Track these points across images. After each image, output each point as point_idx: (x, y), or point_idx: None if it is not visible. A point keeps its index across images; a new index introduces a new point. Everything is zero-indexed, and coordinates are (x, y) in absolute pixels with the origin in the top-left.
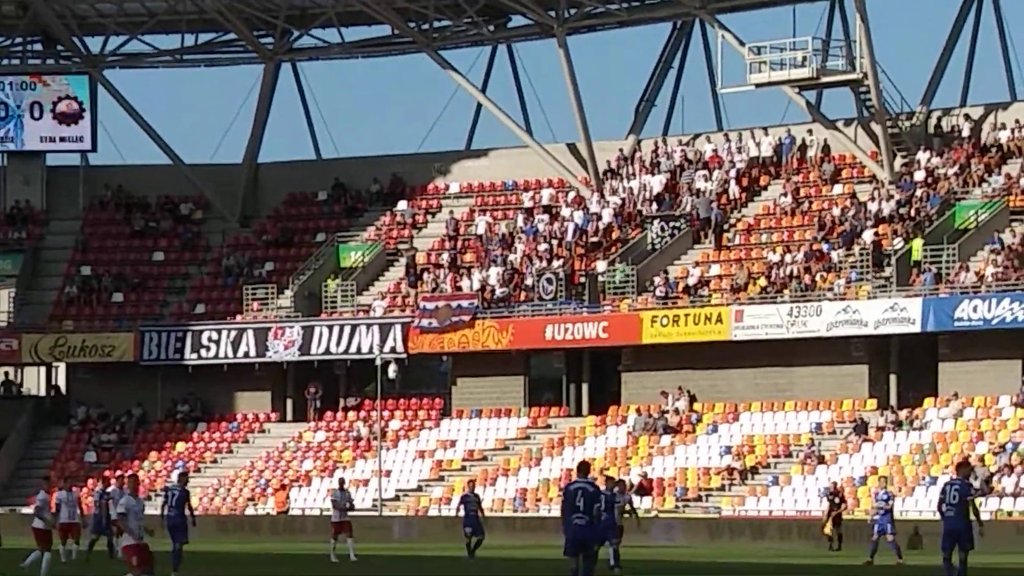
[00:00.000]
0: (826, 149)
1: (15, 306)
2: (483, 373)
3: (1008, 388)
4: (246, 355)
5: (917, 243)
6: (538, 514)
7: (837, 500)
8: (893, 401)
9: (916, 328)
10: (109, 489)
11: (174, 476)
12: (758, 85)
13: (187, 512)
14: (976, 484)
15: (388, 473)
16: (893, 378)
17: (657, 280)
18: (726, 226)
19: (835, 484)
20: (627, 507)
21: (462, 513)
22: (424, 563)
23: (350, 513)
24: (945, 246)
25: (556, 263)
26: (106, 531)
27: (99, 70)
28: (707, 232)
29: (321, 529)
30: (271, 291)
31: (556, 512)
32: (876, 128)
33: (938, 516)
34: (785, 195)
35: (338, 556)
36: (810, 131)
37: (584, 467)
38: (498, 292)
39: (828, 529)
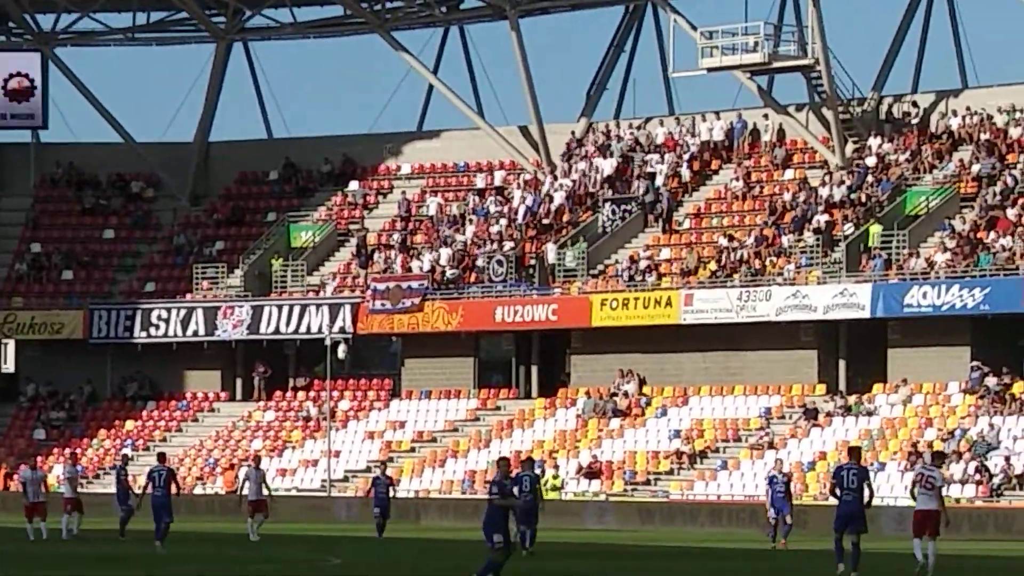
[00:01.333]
0: (778, 134)
1: None
2: (433, 354)
3: (957, 374)
4: (195, 334)
5: (874, 228)
6: (487, 496)
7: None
8: (842, 386)
9: (866, 314)
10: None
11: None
12: (710, 69)
13: (173, 491)
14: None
15: (337, 454)
16: (842, 363)
17: (622, 261)
18: (677, 209)
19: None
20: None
21: (372, 495)
22: (369, 544)
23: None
24: (896, 232)
25: (507, 245)
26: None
27: (50, 47)
28: (655, 216)
29: (270, 510)
30: (221, 270)
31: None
32: (827, 114)
33: (832, 500)
34: (736, 179)
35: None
36: (766, 116)
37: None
38: (448, 273)
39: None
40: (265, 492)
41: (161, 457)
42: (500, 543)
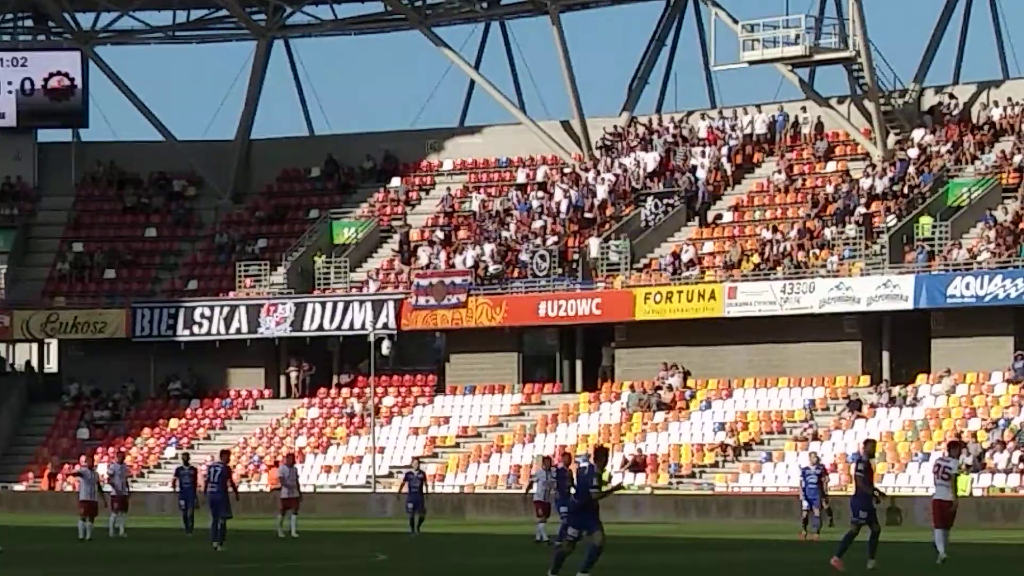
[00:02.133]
0: (819, 127)
1: (7, 283)
2: (477, 349)
3: (1000, 364)
4: (238, 331)
5: (925, 220)
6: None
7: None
8: (886, 377)
9: (909, 305)
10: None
11: (208, 454)
12: (751, 63)
13: (229, 488)
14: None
15: (382, 450)
16: (886, 355)
17: (665, 255)
18: (718, 203)
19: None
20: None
21: (406, 490)
22: (414, 540)
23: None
24: (938, 223)
25: (550, 240)
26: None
27: (90, 46)
28: (692, 211)
29: (315, 506)
30: (264, 268)
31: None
32: (869, 105)
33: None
34: (779, 172)
35: (284, 532)
36: (804, 108)
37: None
38: (491, 269)
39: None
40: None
41: (224, 454)
42: (575, 536)
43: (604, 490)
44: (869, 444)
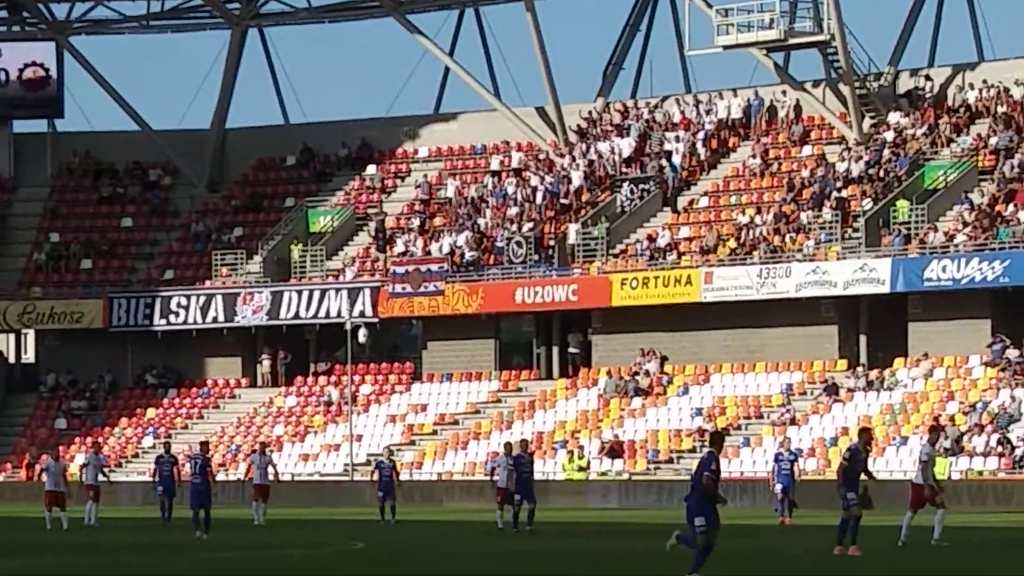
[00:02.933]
0: (796, 110)
1: None
2: (453, 337)
3: (978, 348)
4: (215, 320)
5: (902, 203)
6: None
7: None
8: (863, 361)
9: (886, 288)
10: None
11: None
12: (726, 47)
13: (209, 478)
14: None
15: (359, 438)
16: (863, 338)
17: (641, 240)
18: (693, 188)
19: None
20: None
21: (376, 478)
22: (392, 527)
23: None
24: (914, 206)
25: (526, 226)
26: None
27: (65, 36)
28: (664, 197)
29: (294, 495)
30: (240, 256)
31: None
32: (844, 89)
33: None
34: (754, 157)
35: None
36: (781, 92)
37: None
38: (468, 256)
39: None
40: (271, 477)
41: (203, 446)
42: (702, 527)
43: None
44: (864, 434)
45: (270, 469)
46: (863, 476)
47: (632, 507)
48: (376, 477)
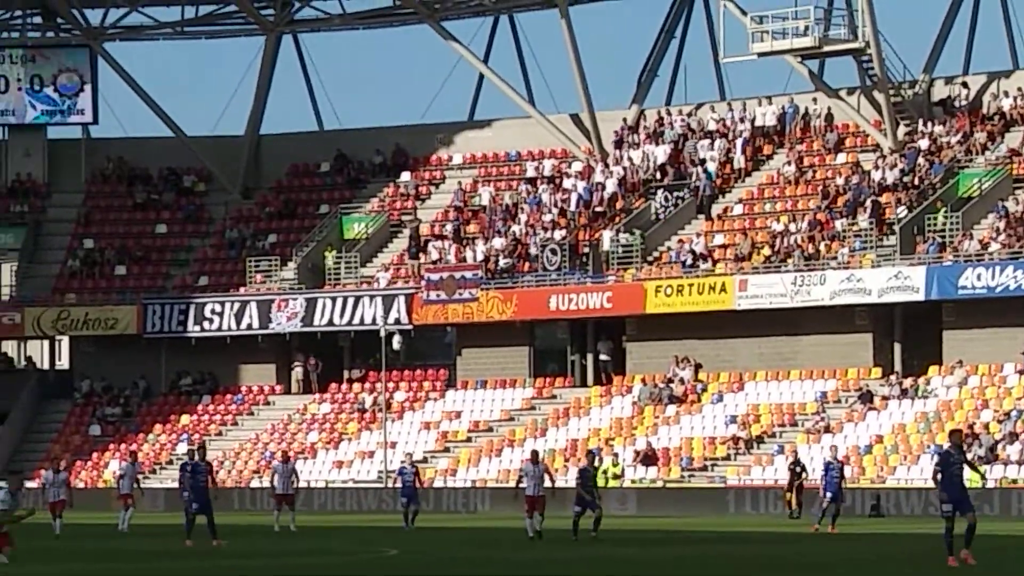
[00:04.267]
0: (829, 118)
1: (18, 280)
2: (488, 344)
3: (1012, 356)
4: (249, 327)
5: (936, 211)
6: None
7: (798, 469)
8: (898, 369)
9: (920, 296)
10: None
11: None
12: (760, 54)
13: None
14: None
15: (393, 445)
16: (897, 346)
17: (675, 248)
18: (728, 196)
19: (796, 454)
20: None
21: (399, 484)
22: (427, 534)
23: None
24: (949, 214)
25: (560, 233)
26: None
27: (99, 43)
28: (698, 204)
29: (327, 501)
30: (274, 263)
31: (562, 483)
32: (879, 97)
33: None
34: (789, 164)
35: (280, 527)
36: (815, 99)
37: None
38: (502, 263)
39: (791, 497)
40: (295, 486)
41: (202, 450)
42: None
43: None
44: (955, 435)
45: (293, 478)
46: (970, 472)
47: (677, 515)
48: (399, 484)
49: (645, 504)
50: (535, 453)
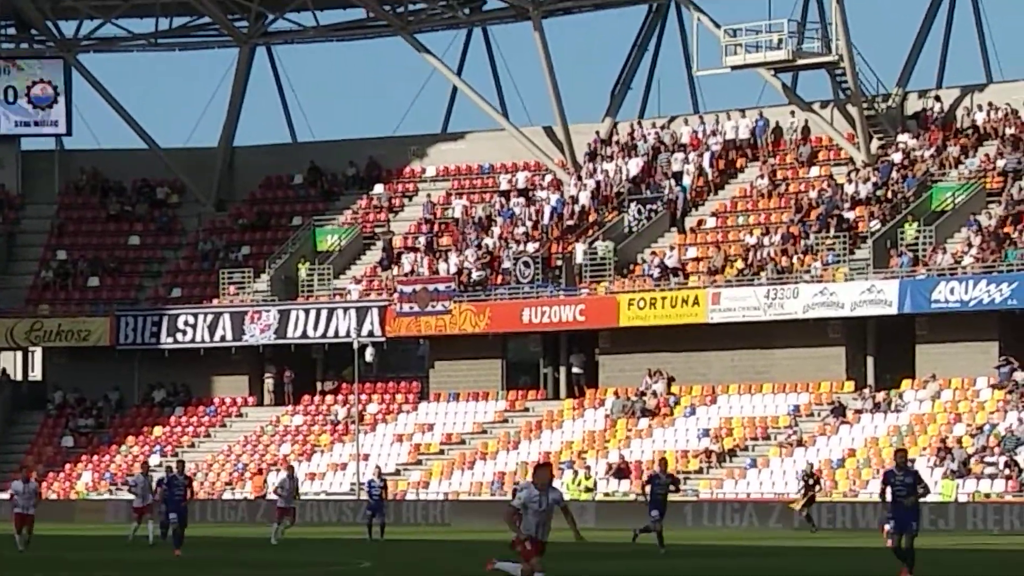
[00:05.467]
0: (804, 131)
1: None
2: (460, 356)
3: (985, 370)
4: (223, 339)
5: (909, 225)
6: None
7: (811, 482)
8: (871, 383)
9: (893, 310)
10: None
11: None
12: (734, 67)
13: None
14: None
15: (366, 457)
16: (870, 360)
17: (648, 260)
18: (701, 208)
19: (811, 466)
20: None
21: (366, 496)
22: (399, 547)
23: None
24: (922, 228)
25: (533, 246)
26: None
27: (73, 54)
28: (676, 217)
29: (302, 513)
30: (247, 275)
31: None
32: (852, 110)
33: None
34: (762, 177)
35: (278, 539)
36: (791, 113)
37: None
38: (475, 275)
39: (802, 511)
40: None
41: (180, 464)
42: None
43: None
44: (899, 454)
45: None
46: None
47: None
48: (366, 496)
49: (614, 517)
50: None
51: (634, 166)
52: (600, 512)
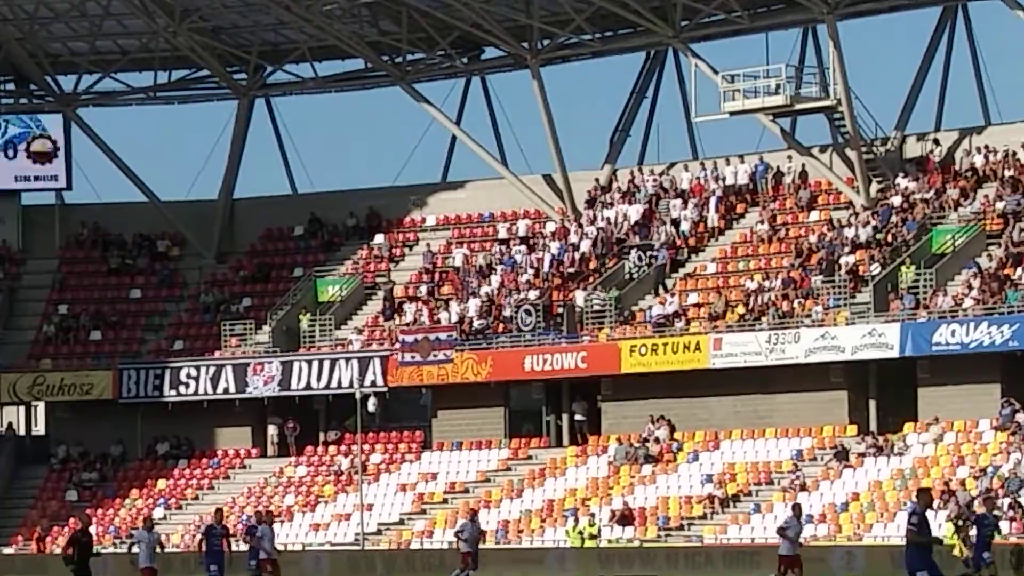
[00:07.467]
0: (803, 176)
1: None
2: (463, 405)
3: (987, 412)
4: (225, 391)
5: (909, 268)
6: (520, 545)
7: (960, 523)
8: (873, 426)
9: (895, 353)
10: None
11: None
12: (732, 113)
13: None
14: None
15: (370, 507)
16: (872, 403)
17: (649, 307)
18: (701, 254)
19: (959, 506)
20: None
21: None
22: None
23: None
24: (922, 271)
25: (534, 294)
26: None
27: (73, 108)
28: (675, 263)
29: (304, 564)
30: (249, 327)
31: (539, 543)
32: (851, 154)
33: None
34: (762, 222)
35: None
36: (789, 157)
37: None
38: (476, 324)
39: (959, 552)
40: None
41: (219, 514)
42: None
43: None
44: (924, 494)
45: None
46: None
47: (654, 574)
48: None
49: (626, 564)
50: (798, 507)
51: (634, 213)
52: (606, 558)
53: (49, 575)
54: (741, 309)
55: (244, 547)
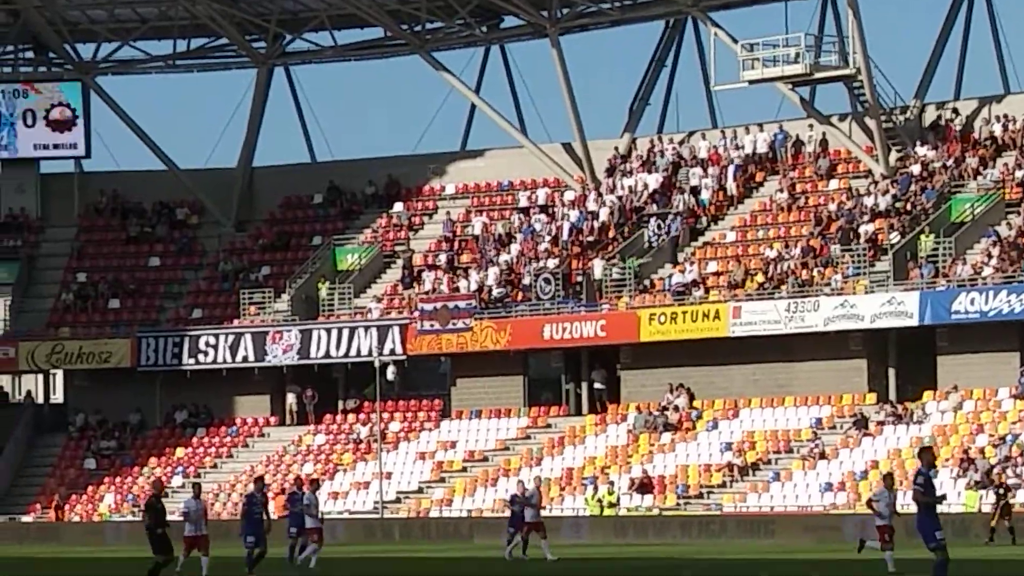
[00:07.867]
0: (822, 144)
1: (11, 314)
2: (482, 373)
3: (1007, 380)
4: (244, 360)
5: (929, 237)
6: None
7: (1003, 491)
8: (892, 395)
9: (914, 321)
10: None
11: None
12: (752, 82)
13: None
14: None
15: (389, 475)
16: (892, 372)
17: (668, 275)
18: (721, 223)
19: (1000, 475)
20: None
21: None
22: (426, 564)
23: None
24: (942, 239)
25: (553, 262)
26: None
27: (91, 77)
28: (694, 232)
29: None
30: (268, 295)
31: (557, 511)
32: (870, 123)
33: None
34: (781, 191)
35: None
36: (811, 126)
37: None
38: (495, 292)
39: (996, 522)
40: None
41: (260, 482)
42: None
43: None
44: (927, 453)
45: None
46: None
47: (673, 542)
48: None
49: (641, 532)
50: (890, 477)
51: (653, 181)
52: (620, 527)
53: (63, 543)
54: (760, 278)
55: (228, 517)
